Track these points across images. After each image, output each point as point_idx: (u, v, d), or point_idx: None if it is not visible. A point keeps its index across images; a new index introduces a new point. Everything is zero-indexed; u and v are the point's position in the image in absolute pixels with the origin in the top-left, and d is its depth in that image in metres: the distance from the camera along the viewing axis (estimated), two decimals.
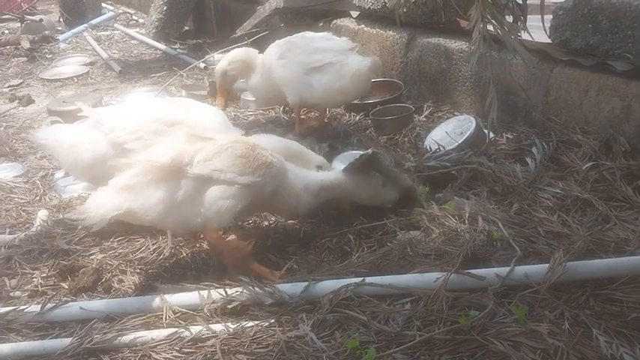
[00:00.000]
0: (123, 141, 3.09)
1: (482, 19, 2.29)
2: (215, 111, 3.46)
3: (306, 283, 2.60)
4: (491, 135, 3.89)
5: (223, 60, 4.50)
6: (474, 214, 2.96)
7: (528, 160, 3.41)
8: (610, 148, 3.46)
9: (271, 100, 4.64)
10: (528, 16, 5.38)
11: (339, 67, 4.18)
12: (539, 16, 4.81)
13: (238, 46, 6.15)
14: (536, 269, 2.52)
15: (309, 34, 4.47)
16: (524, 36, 3.65)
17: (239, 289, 2.61)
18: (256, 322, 2.48)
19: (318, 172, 3.13)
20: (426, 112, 4.55)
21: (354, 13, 5.57)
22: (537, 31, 4.10)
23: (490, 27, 2.43)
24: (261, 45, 6.27)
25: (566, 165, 3.42)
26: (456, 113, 4.43)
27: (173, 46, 7.35)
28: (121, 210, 2.61)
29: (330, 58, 4.22)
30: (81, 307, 2.65)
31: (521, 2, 2.51)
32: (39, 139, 3.30)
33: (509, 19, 2.51)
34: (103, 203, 2.61)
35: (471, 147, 3.63)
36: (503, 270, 2.53)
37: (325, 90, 4.22)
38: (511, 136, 3.82)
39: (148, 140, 3.05)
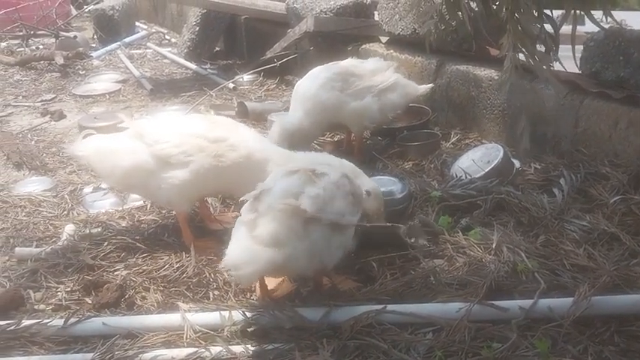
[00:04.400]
0: (167, 154, 3.15)
1: (514, 48, 2.29)
2: (255, 131, 3.49)
3: (327, 309, 2.60)
4: (519, 165, 3.88)
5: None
6: (499, 244, 2.93)
7: (556, 191, 3.38)
8: (639, 181, 3.42)
9: (315, 134, 4.39)
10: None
11: (396, 89, 4.28)
12: (569, 46, 4.83)
13: (267, 68, 6.29)
14: (560, 303, 2.49)
15: (352, 62, 4.46)
16: (557, 66, 3.64)
17: (260, 311, 2.61)
18: (276, 345, 2.48)
19: None
20: (453, 139, 4.55)
21: (384, 39, 5.60)
22: (567, 61, 4.09)
23: (521, 56, 2.43)
24: (289, 68, 6.38)
25: (594, 198, 3.38)
26: (483, 141, 4.42)
27: (204, 66, 7.44)
28: (273, 265, 2.46)
29: (389, 81, 4.29)
30: (103, 323, 2.67)
31: (553, 33, 2.49)
32: (75, 152, 3.37)
33: (542, 48, 2.51)
34: (254, 259, 2.44)
35: (498, 176, 3.60)
36: (527, 302, 2.51)
37: (380, 113, 4.28)
38: (539, 167, 3.79)
39: (190, 155, 3.12)
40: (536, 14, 2.27)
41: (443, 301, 2.60)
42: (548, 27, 2.59)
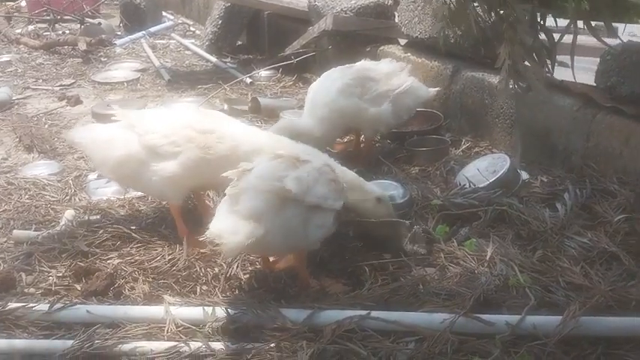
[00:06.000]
0: (155, 144, 3.16)
1: (510, 57, 2.24)
2: (245, 125, 3.47)
3: (310, 311, 2.56)
4: (526, 176, 3.81)
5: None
6: (492, 256, 2.88)
7: (559, 205, 3.31)
8: None
9: (328, 141, 4.25)
10: (578, 57, 5.30)
11: (410, 93, 4.24)
12: (590, 58, 4.73)
13: (284, 64, 6.27)
14: (548, 320, 2.44)
15: (366, 64, 4.37)
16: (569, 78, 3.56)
17: (243, 309, 2.59)
18: (256, 345, 2.46)
19: None
20: (464, 147, 4.48)
21: (402, 41, 5.54)
22: (582, 72, 4.01)
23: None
24: (308, 66, 6.36)
25: (598, 215, 3.30)
26: (494, 150, 4.35)
27: (224, 60, 7.45)
28: (253, 238, 2.54)
29: (406, 85, 4.23)
30: (88, 311, 2.67)
31: (548, 45, 2.44)
32: (74, 138, 3.40)
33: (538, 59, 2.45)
34: (236, 230, 2.54)
35: (503, 187, 3.53)
36: (514, 318, 2.45)
37: (395, 117, 4.25)
38: (546, 180, 3.72)
39: (179, 146, 3.13)
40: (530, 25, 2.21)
41: (428, 311, 2.55)
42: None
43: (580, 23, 2.44)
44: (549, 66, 2.43)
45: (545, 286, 2.73)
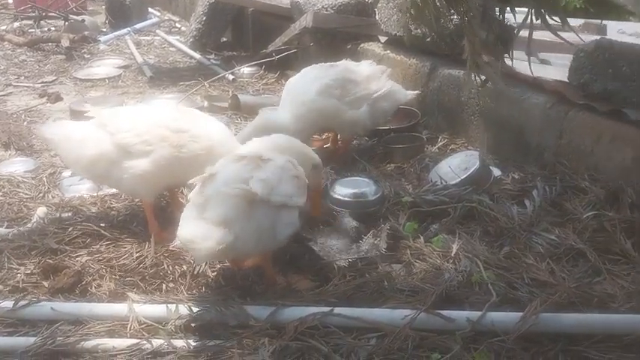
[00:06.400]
0: (127, 143, 3.15)
1: (469, 51, 2.26)
2: (220, 124, 3.46)
3: (273, 308, 2.57)
4: (499, 173, 3.82)
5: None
6: (458, 252, 2.88)
7: (527, 202, 3.32)
8: (617, 198, 3.33)
9: (308, 134, 4.19)
10: (554, 54, 5.32)
11: (389, 97, 4.25)
12: (564, 55, 4.75)
13: (266, 61, 6.26)
14: (508, 317, 2.45)
15: (348, 65, 4.33)
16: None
17: (206, 306, 2.59)
18: (217, 342, 2.47)
19: None
20: (440, 144, 4.49)
21: (383, 39, 5.54)
22: (562, 70, 4.03)
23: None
24: (290, 63, 6.34)
25: (568, 212, 3.31)
26: (469, 148, 4.36)
27: (208, 56, 7.42)
28: (224, 244, 2.52)
29: (385, 89, 4.23)
30: (52, 308, 2.67)
31: (506, 38, 2.45)
32: (45, 134, 3.39)
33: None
34: (206, 236, 2.52)
35: (474, 184, 3.55)
36: (475, 314, 2.46)
37: (372, 120, 4.26)
38: (517, 177, 3.73)
39: (151, 145, 3.12)
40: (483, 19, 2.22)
41: (391, 307, 2.57)
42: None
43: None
44: (506, 59, 2.44)
45: (510, 283, 2.75)
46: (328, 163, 3.93)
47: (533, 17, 2.28)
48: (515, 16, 2.50)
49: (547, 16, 2.34)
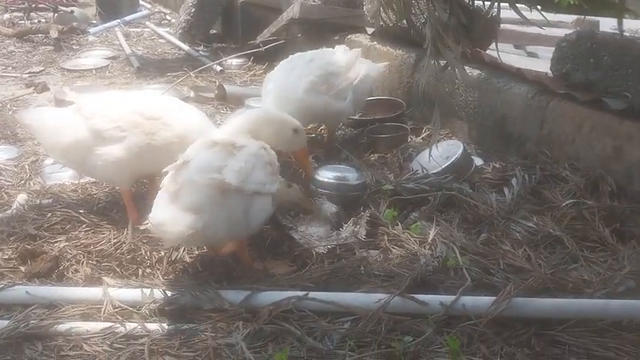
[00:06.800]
0: (100, 128, 3.16)
1: (431, 35, 2.26)
2: (198, 112, 3.45)
3: (248, 292, 2.57)
4: (481, 162, 3.83)
5: None
6: (435, 238, 2.89)
7: (506, 190, 3.32)
8: (596, 187, 3.34)
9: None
10: (540, 47, 5.33)
11: (366, 80, 4.28)
12: (548, 48, 4.76)
13: (254, 52, 6.26)
14: (481, 301, 2.45)
15: (325, 56, 4.31)
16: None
17: (181, 290, 2.59)
18: (191, 326, 2.47)
19: None
20: (424, 135, 4.49)
21: (370, 30, 5.54)
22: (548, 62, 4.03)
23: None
24: (278, 54, 6.32)
25: (547, 200, 3.32)
26: (453, 138, 4.36)
27: (197, 48, 7.41)
28: (193, 230, 2.51)
29: (362, 73, 4.25)
30: (27, 292, 2.66)
31: (465, 22, 2.45)
32: (24, 120, 3.39)
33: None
34: (176, 221, 2.51)
35: (455, 173, 3.55)
36: (448, 299, 2.46)
37: (356, 107, 4.31)
38: (498, 166, 3.74)
39: (124, 131, 3.12)
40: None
41: (365, 292, 2.57)
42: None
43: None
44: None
45: (486, 268, 2.75)
46: (314, 152, 3.95)
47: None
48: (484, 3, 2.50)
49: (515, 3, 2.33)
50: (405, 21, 3.93)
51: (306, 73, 4.10)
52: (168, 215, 2.53)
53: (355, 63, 4.26)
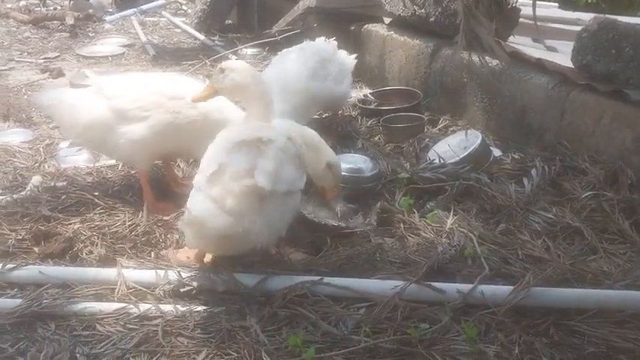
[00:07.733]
0: (123, 108, 3.15)
1: (465, 16, 2.21)
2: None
3: (263, 276, 2.54)
4: (499, 153, 3.78)
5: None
6: (453, 227, 2.85)
7: (525, 181, 3.28)
8: (616, 179, 3.29)
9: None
10: (560, 41, 5.26)
11: (347, 67, 4.32)
12: (569, 42, 4.69)
13: (269, 42, 6.22)
14: (499, 290, 2.42)
15: (318, 47, 4.30)
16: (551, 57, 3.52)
17: (196, 272, 2.57)
18: (205, 308, 2.45)
19: None
20: (441, 125, 4.44)
21: (387, 19, 5.49)
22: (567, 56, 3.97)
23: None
24: (293, 44, 6.27)
25: (567, 192, 3.27)
26: (471, 128, 4.31)
27: (212, 38, 7.38)
28: (232, 231, 2.44)
29: (346, 60, 4.32)
30: (40, 272, 2.65)
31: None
32: (42, 101, 3.38)
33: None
34: (216, 216, 2.43)
35: (473, 163, 3.50)
36: (466, 287, 2.43)
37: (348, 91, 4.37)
38: (517, 157, 3.69)
39: (147, 110, 3.11)
40: None
41: (381, 278, 2.53)
42: None
43: None
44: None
45: (504, 258, 2.71)
46: (327, 140, 3.89)
47: None
48: None
49: None
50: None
51: (304, 60, 4.11)
52: (210, 210, 2.44)
53: (337, 50, 4.32)
